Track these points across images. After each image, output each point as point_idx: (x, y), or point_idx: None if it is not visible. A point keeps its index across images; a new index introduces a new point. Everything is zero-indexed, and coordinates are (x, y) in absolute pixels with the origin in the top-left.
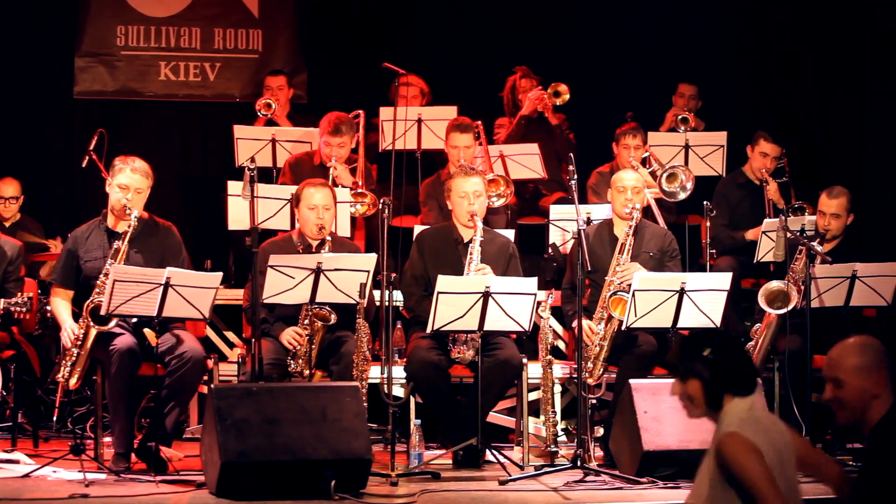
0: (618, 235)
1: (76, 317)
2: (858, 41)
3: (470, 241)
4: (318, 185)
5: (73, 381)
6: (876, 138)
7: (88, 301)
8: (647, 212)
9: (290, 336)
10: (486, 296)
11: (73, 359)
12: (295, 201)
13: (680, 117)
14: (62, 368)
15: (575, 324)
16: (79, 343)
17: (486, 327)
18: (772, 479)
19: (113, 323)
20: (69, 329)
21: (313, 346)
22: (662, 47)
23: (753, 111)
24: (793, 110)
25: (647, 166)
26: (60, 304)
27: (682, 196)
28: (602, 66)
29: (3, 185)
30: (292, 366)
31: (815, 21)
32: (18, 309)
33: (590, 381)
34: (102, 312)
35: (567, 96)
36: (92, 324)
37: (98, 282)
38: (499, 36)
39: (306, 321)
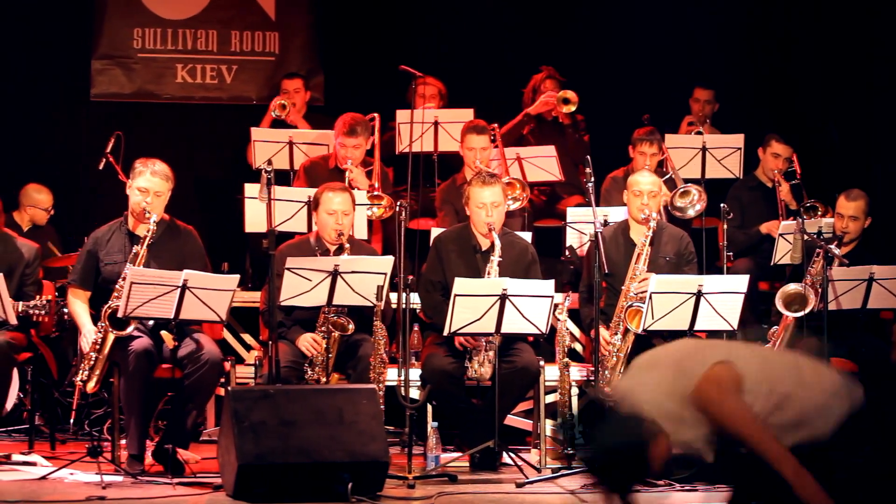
0: (633, 239)
1: (94, 319)
2: (866, 42)
3: (488, 251)
4: (337, 189)
5: (91, 385)
6: (887, 140)
7: (106, 306)
8: None
9: (307, 343)
10: (503, 298)
11: (92, 363)
12: (314, 205)
13: (694, 133)
14: (80, 372)
15: (592, 332)
16: (97, 347)
17: (503, 330)
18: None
19: (131, 328)
20: (88, 333)
21: (330, 355)
22: (679, 49)
23: (769, 114)
24: (807, 113)
25: (664, 168)
26: (78, 306)
27: (691, 213)
28: (618, 67)
29: (40, 196)
30: (309, 373)
31: (825, 22)
32: (37, 312)
33: (607, 390)
34: (119, 315)
35: (574, 106)
36: (110, 329)
37: (117, 286)
38: (515, 38)
39: (324, 328)
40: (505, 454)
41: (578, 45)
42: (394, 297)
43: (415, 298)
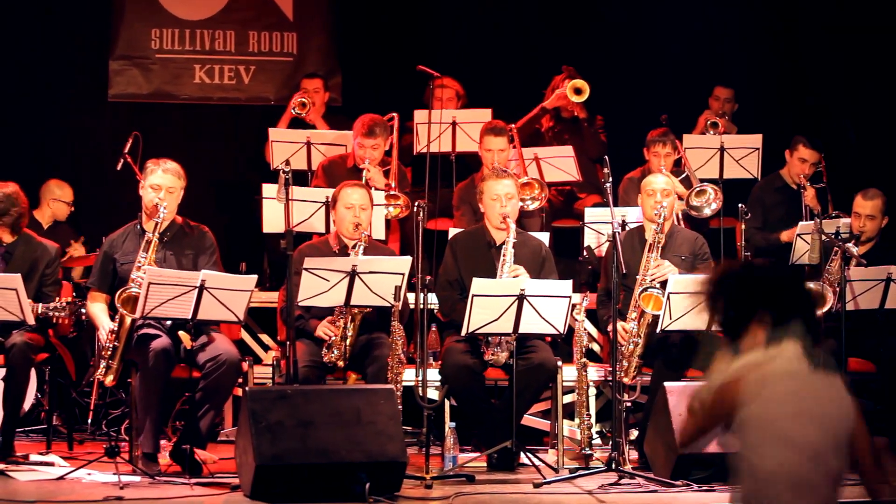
0: (647, 240)
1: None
2: (888, 40)
3: (503, 244)
4: (355, 185)
5: (109, 379)
6: None
7: (121, 290)
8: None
9: (324, 328)
10: (521, 298)
11: (110, 352)
12: (332, 202)
13: (710, 122)
14: (99, 365)
15: (610, 328)
16: (114, 336)
17: (521, 330)
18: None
19: None
20: (106, 327)
21: (349, 335)
22: (699, 50)
23: (789, 114)
24: (826, 112)
25: (681, 168)
26: (97, 308)
27: (707, 212)
28: (638, 68)
29: (61, 191)
30: (326, 355)
31: (847, 23)
32: (57, 314)
33: (625, 379)
34: (137, 315)
35: (586, 95)
36: (125, 312)
37: (132, 276)
38: (533, 38)
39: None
40: (522, 454)
41: (598, 46)
42: (411, 297)
43: (432, 299)
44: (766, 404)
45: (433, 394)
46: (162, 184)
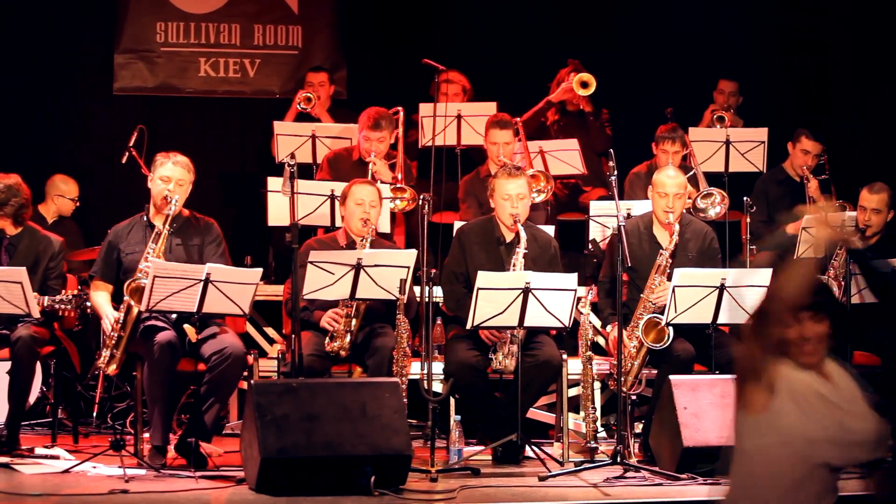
0: (656, 235)
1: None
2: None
3: (512, 243)
4: (366, 183)
5: (112, 368)
6: None
7: (129, 280)
8: None
9: (329, 318)
10: (526, 292)
11: (114, 342)
12: (342, 198)
13: (716, 116)
14: (102, 354)
15: (609, 328)
16: (120, 325)
17: (526, 323)
18: None
19: None
20: (110, 316)
21: (354, 325)
22: (703, 43)
23: (794, 107)
24: (832, 106)
25: (687, 163)
26: (101, 297)
27: (712, 214)
28: (643, 61)
29: (66, 187)
30: (329, 345)
31: (852, 16)
32: (63, 306)
33: (623, 389)
34: (142, 308)
35: (592, 89)
36: (132, 303)
37: (140, 266)
38: (539, 31)
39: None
40: (528, 448)
41: (603, 40)
42: (417, 290)
43: (437, 292)
44: None
45: (438, 387)
46: (172, 176)
